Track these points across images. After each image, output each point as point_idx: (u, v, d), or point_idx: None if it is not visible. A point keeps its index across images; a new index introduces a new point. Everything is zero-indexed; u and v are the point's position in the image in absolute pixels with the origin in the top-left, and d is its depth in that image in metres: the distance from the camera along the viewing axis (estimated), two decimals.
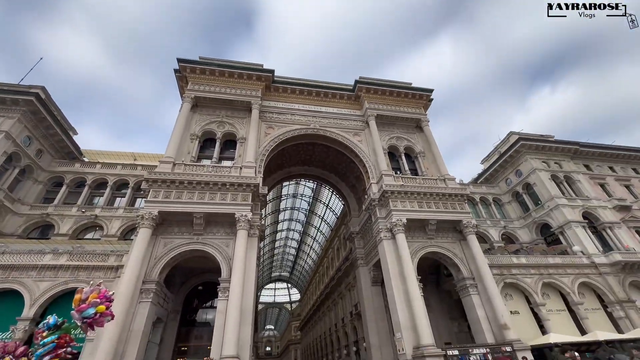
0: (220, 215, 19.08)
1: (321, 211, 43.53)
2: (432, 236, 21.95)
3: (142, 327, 15.34)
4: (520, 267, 23.21)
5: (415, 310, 17.62)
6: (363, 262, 26.56)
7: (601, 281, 23.72)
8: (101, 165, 27.56)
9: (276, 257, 63.43)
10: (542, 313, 21.25)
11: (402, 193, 22.10)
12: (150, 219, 17.52)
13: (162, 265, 17.39)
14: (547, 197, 29.19)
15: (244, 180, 19.90)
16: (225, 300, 16.44)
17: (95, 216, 24.28)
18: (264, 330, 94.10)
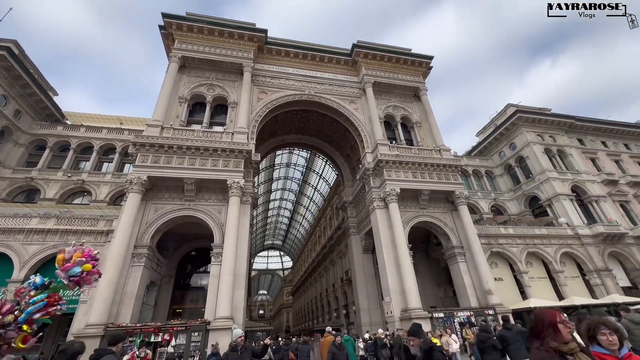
0: (211, 181, 18.71)
1: (314, 181, 43.44)
2: (425, 206, 22.16)
3: (135, 290, 15.48)
4: (507, 237, 23.89)
5: (405, 276, 18.16)
6: (355, 230, 26.96)
7: (582, 251, 24.72)
8: (85, 128, 26.39)
9: (269, 225, 64.24)
10: (525, 280, 22.25)
11: (396, 163, 21.91)
12: (139, 184, 17.05)
13: (154, 231, 17.23)
14: (538, 170, 29.48)
15: (236, 147, 19.32)
16: (218, 265, 16.59)
17: (82, 181, 23.63)
18: (257, 295, 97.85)
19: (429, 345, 2.74)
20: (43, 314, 6.24)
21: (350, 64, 27.47)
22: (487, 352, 6.31)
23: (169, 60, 22.65)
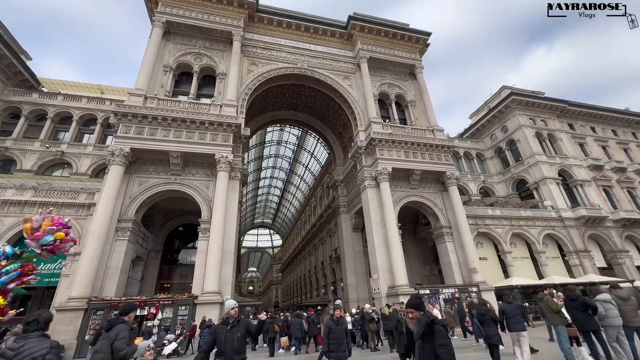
0: (199, 155, 18.04)
1: (305, 160, 42.90)
2: (415, 186, 22.14)
3: (120, 264, 15.13)
4: (493, 218, 24.32)
5: (393, 254, 18.35)
6: (345, 209, 26.95)
7: (564, 233, 25.48)
8: (63, 97, 24.84)
9: (259, 204, 64.00)
10: (508, 259, 22.91)
11: (389, 142, 21.58)
12: (121, 155, 16.27)
13: (138, 205, 16.67)
14: (528, 153, 29.71)
15: (224, 120, 18.53)
16: (205, 240, 16.30)
17: (62, 152, 22.51)
18: (247, 272, 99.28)
19: (430, 318, 2.50)
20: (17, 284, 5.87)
21: (345, 37, 26.32)
22: (487, 324, 6.68)
23: (152, 25, 21.14)
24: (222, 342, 4.08)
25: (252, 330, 4.37)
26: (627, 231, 27.63)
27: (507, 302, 6.83)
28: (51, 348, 2.58)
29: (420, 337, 2.48)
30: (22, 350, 2.43)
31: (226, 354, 3.99)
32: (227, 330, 4.19)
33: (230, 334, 4.13)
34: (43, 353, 2.47)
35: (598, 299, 5.63)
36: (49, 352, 2.53)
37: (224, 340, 4.07)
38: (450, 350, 2.41)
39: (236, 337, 4.13)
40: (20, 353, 2.41)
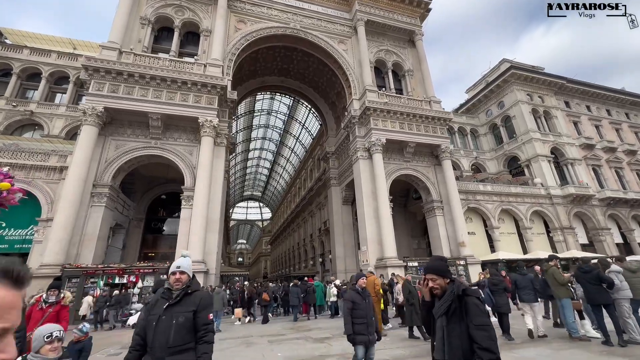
0: (181, 118, 16.79)
1: (296, 131, 41.55)
2: (409, 159, 21.56)
3: (96, 231, 14.30)
4: (484, 194, 24.23)
5: (383, 227, 18.09)
6: (336, 182, 26.38)
7: (552, 210, 25.75)
8: (30, 50, 22.51)
9: (248, 176, 62.87)
10: (495, 235, 23.11)
11: (384, 112, 20.63)
12: (94, 115, 14.91)
13: (115, 170, 15.57)
14: (523, 130, 29.30)
15: (209, 80, 17.10)
16: (189, 208, 15.54)
17: (31, 112, 20.74)
18: (237, 244, 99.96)
19: (461, 288, 1.85)
20: None
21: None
22: (499, 293, 6.74)
23: None
24: (152, 330, 2.43)
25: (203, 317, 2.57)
26: (611, 210, 28.18)
27: (520, 274, 6.85)
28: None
29: (444, 313, 1.79)
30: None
31: (154, 351, 2.38)
32: (162, 310, 2.50)
33: (166, 318, 2.46)
34: None
35: (612, 270, 5.27)
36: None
37: (154, 328, 2.43)
38: (492, 333, 1.71)
39: (175, 325, 2.43)
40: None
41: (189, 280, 2.67)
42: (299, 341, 7.34)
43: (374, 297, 8.12)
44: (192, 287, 2.65)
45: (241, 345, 6.98)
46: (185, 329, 2.45)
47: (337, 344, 6.73)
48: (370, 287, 8.23)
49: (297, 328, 9.66)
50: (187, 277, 2.67)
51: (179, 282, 2.60)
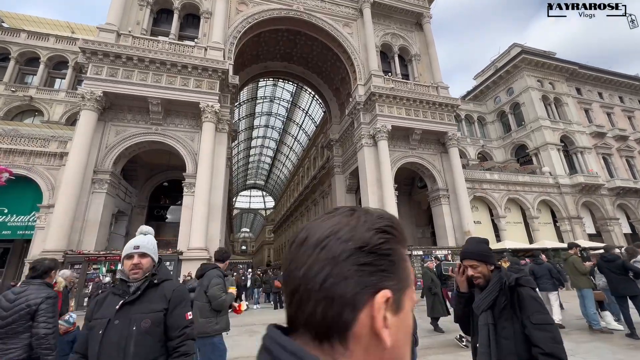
0: (181, 104, 16.37)
1: (300, 119, 40.90)
2: (415, 146, 21.06)
3: (98, 218, 14.16)
4: (491, 183, 23.75)
5: None
6: (340, 170, 25.98)
7: (559, 199, 25.26)
8: (27, 34, 21.98)
9: (251, 164, 62.58)
10: (501, 224, 22.75)
11: (390, 97, 20.03)
12: (93, 100, 14.54)
13: (116, 156, 15.30)
14: (532, 117, 28.50)
15: (209, 64, 16.58)
16: (191, 195, 15.30)
17: (30, 98, 20.39)
18: (240, 232, 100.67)
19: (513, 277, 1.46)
20: None
21: None
22: None
23: None
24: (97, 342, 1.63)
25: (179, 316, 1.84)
26: (620, 199, 27.62)
27: (537, 264, 6.63)
28: (47, 298, 2.47)
29: (488, 307, 1.41)
30: (21, 296, 2.38)
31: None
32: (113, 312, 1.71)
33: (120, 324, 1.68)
34: (38, 302, 2.39)
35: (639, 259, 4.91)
36: (43, 302, 2.42)
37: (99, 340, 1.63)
38: (556, 333, 1.34)
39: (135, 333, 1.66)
40: (19, 298, 2.37)
41: (153, 266, 1.90)
42: None
43: None
44: (160, 275, 1.86)
45: (244, 334, 6.79)
46: (151, 338, 1.65)
47: None
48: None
49: None
50: (151, 262, 1.89)
51: (138, 270, 1.81)
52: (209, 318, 3.09)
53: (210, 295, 3.04)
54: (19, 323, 2.25)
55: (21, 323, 2.26)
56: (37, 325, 2.29)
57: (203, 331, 3.02)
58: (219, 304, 3.02)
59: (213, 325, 3.08)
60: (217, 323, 3.11)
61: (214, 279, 3.12)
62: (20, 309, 2.28)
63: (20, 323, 2.25)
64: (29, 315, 2.30)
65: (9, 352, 2.17)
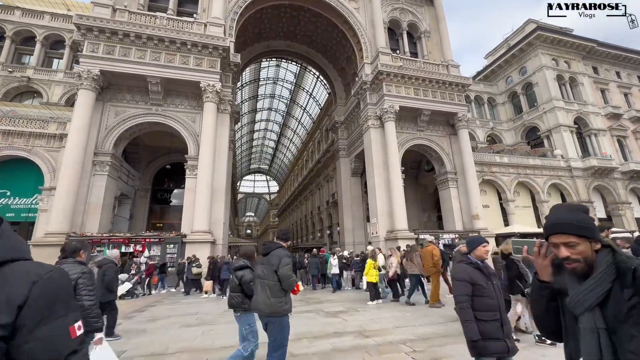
0: (182, 83, 15.80)
1: (303, 101, 39.97)
2: (423, 128, 20.37)
3: (100, 200, 13.98)
4: (500, 166, 23.12)
5: (394, 198, 17.42)
6: (345, 153, 25.45)
7: (570, 183, 24.60)
8: (22, 12, 21.22)
9: (255, 149, 62.07)
10: (510, 208, 22.29)
11: (398, 76, 19.19)
12: (90, 78, 14.04)
13: (116, 137, 14.95)
14: (545, 98, 27.37)
15: (210, 41, 15.86)
16: (193, 178, 15.02)
17: (28, 79, 19.91)
18: (245, 216, 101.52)
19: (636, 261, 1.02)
20: None
21: None
22: None
23: None
24: None
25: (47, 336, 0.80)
26: (633, 183, 26.83)
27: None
28: (82, 273, 2.73)
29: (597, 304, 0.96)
30: None
31: None
32: None
33: None
34: (75, 277, 2.63)
35: None
36: (80, 277, 2.68)
37: None
38: None
39: None
40: None
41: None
42: (310, 315, 6.87)
43: (433, 268, 7.44)
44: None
45: None
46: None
47: (352, 319, 6.21)
48: (428, 258, 7.57)
49: (306, 300, 9.28)
50: None
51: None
52: (279, 298, 3.05)
53: (282, 275, 3.01)
54: None
55: None
56: (81, 298, 2.57)
57: (274, 311, 2.99)
58: (289, 283, 3.02)
59: (283, 305, 3.04)
60: (286, 303, 3.10)
61: (284, 258, 3.09)
62: None
63: None
64: None
65: None
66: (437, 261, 7.49)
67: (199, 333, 5.40)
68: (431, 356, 4.02)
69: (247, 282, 3.32)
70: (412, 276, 8.29)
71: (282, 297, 3.03)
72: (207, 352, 4.31)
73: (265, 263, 3.11)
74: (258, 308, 3.09)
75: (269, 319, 2.98)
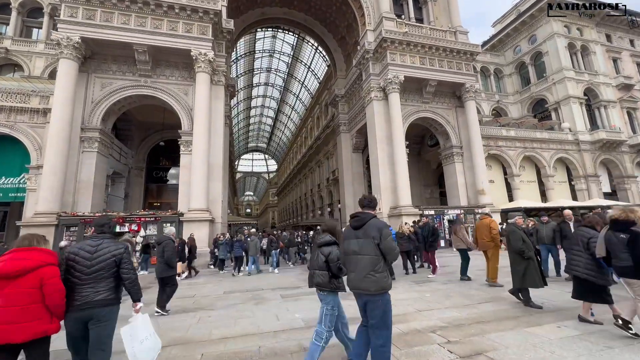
0: (171, 51, 14.65)
1: (301, 75, 38.35)
2: (428, 100, 19.41)
3: (91, 178, 13.34)
4: (507, 140, 22.40)
5: (398, 173, 16.85)
6: (346, 128, 24.55)
7: (577, 157, 24.01)
8: None
9: (252, 126, 60.70)
10: (515, 182, 21.83)
11: (403, 44, 17.99)
12: (70, 47, 12.93)
13: (103, 112, 14.04)
14: (555, 68, 26.13)
15: (199, 4, 14.56)
16: (188, 154, 14.30)
17: (6, 50, 18.57)
18: (244, 195, 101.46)
19: None
20: None
21: None
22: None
23: None
24: None
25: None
26: None
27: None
28: (125, 248, 2.82)
29: None
30: (102, 247, 2.69)
31: None
32: None
33: None
34: (121, 251, 2.73)
35: None
36: (125, 251, 2.77)
37: None
38: None
39: None
40: (101, 249, 2.67)
41: None
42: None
43: (491, 243, 6.84)
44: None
45: (250, 301, 6.08)
46: None
47: None
48: (485, 232, 6.94)
49: None
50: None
51: None
52: (383, 272, 2.72)
53: (386, 247, 2.72)
54: (106, 270, 2.63)
55: (108, 269, 2.65)
56: (128, 271, 2.72)
57: (382, 287, 2.68)
58: (394, 255, 2.78)
59: (388, 279, 2.73)
60: (388, 277, 2.78)
61: (384, 229, 2.78)
62: (106, 258, 2.65)
63: (107, 269, 2.64)
64: (115, 263, 2.69)
65: (99, 293, 2.56)
66: (495, 235, 6.86)
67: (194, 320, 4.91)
68: (471, 348, 3.40)
69: (334, 260, 2.97)
70: (460, 251, 7.85)
71: (385, 272, 2.71)
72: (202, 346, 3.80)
73: (361, 236, 2.78)
74: (359, 287, 2.72)
75: (371, 298, 2.68)
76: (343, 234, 3.04)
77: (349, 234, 2.90)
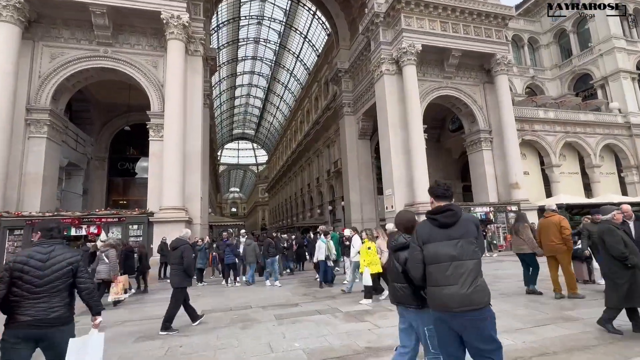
0: (136, 14, 14.09)
1: (296, 47, 37.68)
2: (450, 75, 18.96)
3: (40, 170, 12.88)
4: (544, 123, 22.02)
5: (415, 163, 16.49)
6: (350, 110, 24.08)
7: (628, 144, 23.68)
8: None
9: (237, 109, 60.05)
10: (554, 175, 21.50)
11: (420, 5, 17.48)
12: (10, 7, 12.37)
13: (54, 88, 13.53)
14: (603, 37, 25.60)
15: None
16: (159, 140, 13.85)
17: None
18: (229, 192, 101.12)
19: None
20: None
21: None
22: None
23: None
24: None
25: None
26: None
27: None
28: (81, 257, 2.85)
29: None
30: (55, 255, 2.65)
31: None
32: None
33: None
34: (78, 259, 2.74)
35: None
36: (80, 260, 2.78)
37: None
38: None
39: None
40: (55, 257, 2.63)
41: None
42: (323, 317, 5.75)
43: (563, 246, 6.24)
44: None
45: (234, 324, 5.58)
46: None
47: (385, 323, 5.05)
48: (555, 232, 6.31)
49: (313, 294, 8.44)
50: None
51: None
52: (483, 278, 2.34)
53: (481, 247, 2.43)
54: (62, 280, 2.61)
55: (64, 279, 2.63)
56: (85, 280, 2.74)
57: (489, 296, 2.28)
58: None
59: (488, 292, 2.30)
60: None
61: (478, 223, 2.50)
62: (62, 267, 2.61)
63: (63, 280, 2.62)
64: (72, 272, 2.66)
65: (54, 310, 2.53)
66: (567, 236, 6.20)
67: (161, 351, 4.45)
68: None
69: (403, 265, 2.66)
70: (525, 256, 6.92)
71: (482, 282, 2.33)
72: None
73: (456, 236, 2.34)
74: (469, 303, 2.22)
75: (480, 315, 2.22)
76: (419, 235, 2.44)
77: (435, 235, 2.42)
